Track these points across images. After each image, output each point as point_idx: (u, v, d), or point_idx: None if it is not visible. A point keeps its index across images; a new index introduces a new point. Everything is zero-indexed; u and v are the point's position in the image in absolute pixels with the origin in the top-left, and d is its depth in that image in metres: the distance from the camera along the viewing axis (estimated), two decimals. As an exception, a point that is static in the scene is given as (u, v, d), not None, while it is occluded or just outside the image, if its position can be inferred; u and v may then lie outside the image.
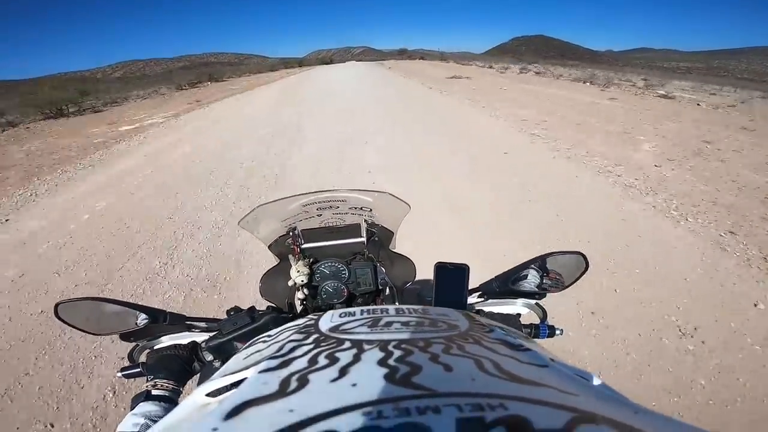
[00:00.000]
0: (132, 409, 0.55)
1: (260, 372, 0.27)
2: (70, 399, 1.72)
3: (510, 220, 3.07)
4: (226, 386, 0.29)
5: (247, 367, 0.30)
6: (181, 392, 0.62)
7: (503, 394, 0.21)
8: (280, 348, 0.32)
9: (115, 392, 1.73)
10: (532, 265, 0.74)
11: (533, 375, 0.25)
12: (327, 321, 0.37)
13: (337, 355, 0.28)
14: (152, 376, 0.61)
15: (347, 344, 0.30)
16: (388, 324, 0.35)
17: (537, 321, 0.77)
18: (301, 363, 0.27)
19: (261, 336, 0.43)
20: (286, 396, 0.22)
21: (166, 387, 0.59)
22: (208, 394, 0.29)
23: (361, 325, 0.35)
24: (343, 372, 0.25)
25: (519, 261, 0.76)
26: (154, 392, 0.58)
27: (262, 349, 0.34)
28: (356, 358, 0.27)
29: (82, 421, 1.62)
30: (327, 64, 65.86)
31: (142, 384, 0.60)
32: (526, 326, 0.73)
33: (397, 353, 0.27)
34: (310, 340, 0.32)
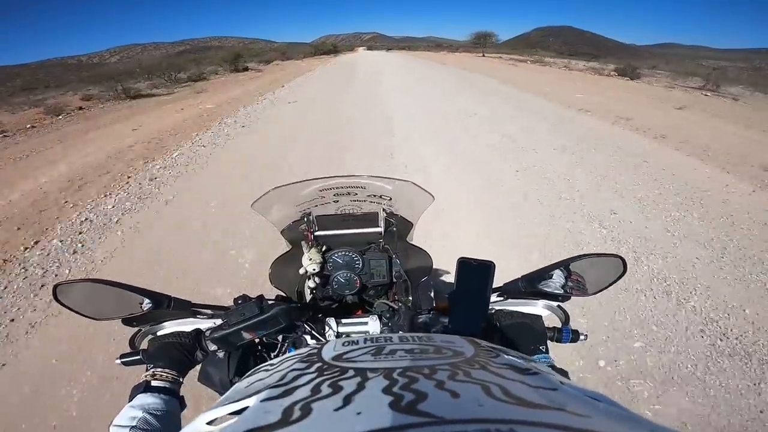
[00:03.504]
0: (130, 400, 0.52)
1: (262, 401, 0.26)
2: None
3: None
4: (228, 415, 0.29)
5: (248, 396, 0.29)
6: (182, 382, 0.59)
7: (512, 419, 0.20)
8: (283, 377, 0.31)
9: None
10: (562, 267, 0.68)
11: (543, 398, 0.24)
12: (330, 350, 0.36)
13: (341, 383, 0.27)
14: (152, 365, 0.59)
15: (351, 372, 0.29)
16: (392, 352, 0.34)
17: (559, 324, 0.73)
18: (304, 392, 0.26)
19: (263, 365, 0.41)
20: (289, 425, 0.22)
21: (166, 377, 0.56)
22: (209, 423, 0.28)
23: (365, 353, 0.34)
24: (347, 400, 0.24)
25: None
26: (154, 383, 0.55)
27: (264, 378, 0.33)
28: (360, 387, 0.26)
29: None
30: (328, 53, 52.31)
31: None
32: (549, 329, 0.70)
33: (401, 381, 0.26)
34: (313, 368, 0.31)
